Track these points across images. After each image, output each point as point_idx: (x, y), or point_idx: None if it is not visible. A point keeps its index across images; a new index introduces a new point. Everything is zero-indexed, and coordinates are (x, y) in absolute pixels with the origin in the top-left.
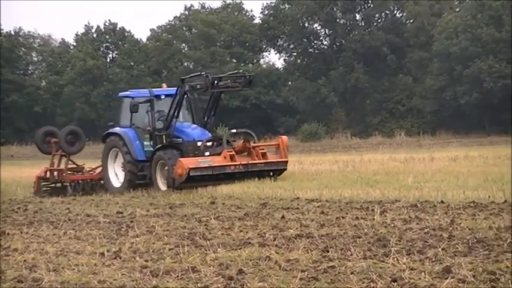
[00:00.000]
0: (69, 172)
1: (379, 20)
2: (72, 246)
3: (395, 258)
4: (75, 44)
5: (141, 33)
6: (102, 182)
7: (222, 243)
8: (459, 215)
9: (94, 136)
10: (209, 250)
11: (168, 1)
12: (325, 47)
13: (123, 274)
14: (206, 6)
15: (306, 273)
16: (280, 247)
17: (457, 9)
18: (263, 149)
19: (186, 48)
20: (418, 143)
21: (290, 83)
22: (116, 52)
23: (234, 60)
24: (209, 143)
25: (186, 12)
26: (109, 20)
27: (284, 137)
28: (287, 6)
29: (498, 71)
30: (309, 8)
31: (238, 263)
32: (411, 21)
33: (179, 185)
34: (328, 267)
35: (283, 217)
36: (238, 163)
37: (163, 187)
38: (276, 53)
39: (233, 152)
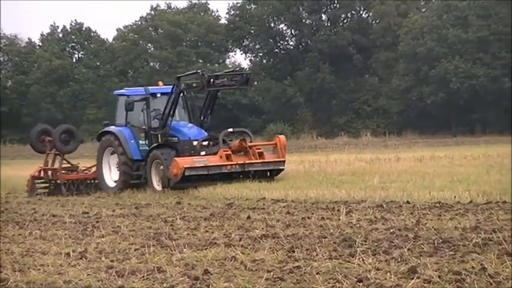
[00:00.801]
0: (63, 171)
1: (345, 20)
2: (38, 246)
3: (361, 259)
4: (41, 44)
5: (108, 33)
6: (97, 181)
7: (187, 243)
8: (425, 215)
9: None
10: (175, 250)
11: (134, 1)
12: (291, 47)
13: (88, 274)
14: (172, 7)
15: (272, 273)
16: (246, 247)
17: (423, 10)
18: (260, 149)
19: (152, 48)
20: (384, 144)
21: (256, 83)
22: (82, 52)
23: (201, 60)
24: (205, 143)
25: (152, 12)
26: (75, 20)
27: (282, 136)
28: (253, 6)
29: (464, 72)
30: (275, 9)
31: (204, 263)
32: (377, 21)
33: (174, 185)
34: (293, 268)
35: (249, 217)
36: (235, 163)
37: (158, 187)
38: (242, 53)
39: (229, 152)
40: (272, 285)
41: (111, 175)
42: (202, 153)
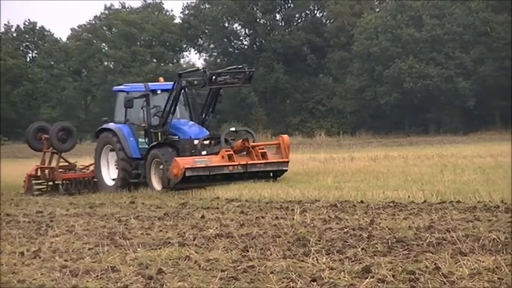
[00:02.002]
0: (60, 170)
1: (300, 20)
2: None
3: (315, 258)
4: None
5: (62, 33)
6: (95, 180)
7: (141, 242)
8: (379, 214)
9: (15, 136)
10: (129, 250)
11: (88, 1)
12: (246, 47)
13: (42, 274)
14: (127, 6)
15: (226, 272)
16: (200, 247)
17: (378, 10)
18: (263, 149)
19: (106, 48)
20: (338, 143)
21: None
22: (35, 51)
23: (155, 60)
24: (206, 142)
25: (107, 12)
26: (28, 20)
27: (285, 136)
28: (207, 6)
29: (418, 71)
30: (229, 8)
31: (158, 262)
32: (332, 21)
33: (175, 186)
34: (247, 267)
35: (203, 217)
36: (237, 163)
37: (158, 187)
38: (196, 53)
39: (231, 152)
40: (226, 285)
41: (109, 173)
42: (204, 152)
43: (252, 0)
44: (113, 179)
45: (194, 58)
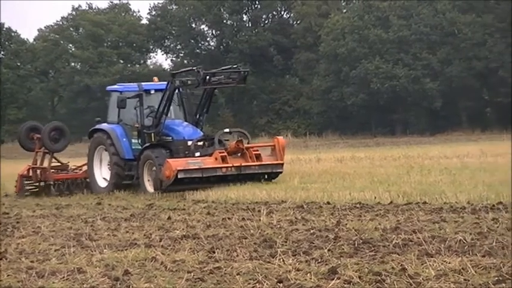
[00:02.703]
0: (52, 171)
1: (266, 21)
2: None
3: (282, 259)
4: None
5: (29, 34)
6: (88, 180)
7: (108, 244)
8: (345, 216)
9: None
10: (95, 251)
11: (55, 1)
12: (212, 47)
13: (8, 275)
14: (94, 7)
15: (192, 274)
16: (166, 248)
17: (344, 11)
18: (257, 150)
19: (73, 49)
20: (304, 144)
21: None
22: (2, 52)
23: (122, 61)
24: (200, 143)
25: (74, 13)
26: None
27: (280, 138)
28: (174, 7)
29: (385, 72)
30: (196, 9)
31: (124, 263)
32: (298, 22)
33: (167, 188)
34: (214, 268)
35: (169, 218)
36: (231, 165)
37: (150, 189)
38: (163, 54)
39: (225, 153)
40: (192, 286)
41: (102, 174)
42: (197, 154)
43: (219, 1)
44: (105, 179)
45: (161, 59)
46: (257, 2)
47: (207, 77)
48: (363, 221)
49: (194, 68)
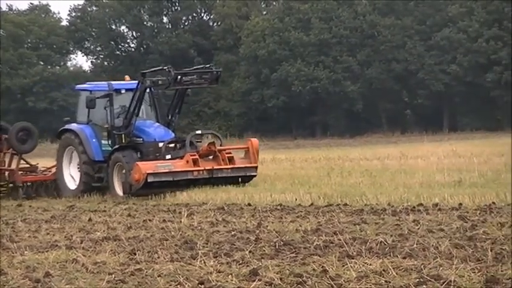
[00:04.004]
0: (20, 172)
1: (187, 23)
2: None
3: (203, 261)
4: None
5: None
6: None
7: (29, 245)
8: (266, 217)
9: None
10: (16, 253)
11: None
12: (133, 49)
13: None
14: (14, 8)
15: (113, 275)
16: (87, 250)
17: (265, 13)
18: (230, 153)
19: None
20: None
21: None
22: None
23: (42, 63)
24: (172, 145)
25: None
26: None
27: (254, 140)
28: (94, 8)
29: (306, 75)
30: (115, 11)
31: (45, 265)
32: (219, 23)
33: (136, 192)
34: (135, 270)
35: (90, 220)
36: (202, 168)
37: (120, 192)
38: (83, 56)
39: (197, 156)
40: None
41: (71, 176)
42: (168, 156)
43: (139, 2)
44: (76, 183)
45: (81, 61)
46: (177, 4)
47: (178, 77)
48: (284, 222)
49: (165, 67)
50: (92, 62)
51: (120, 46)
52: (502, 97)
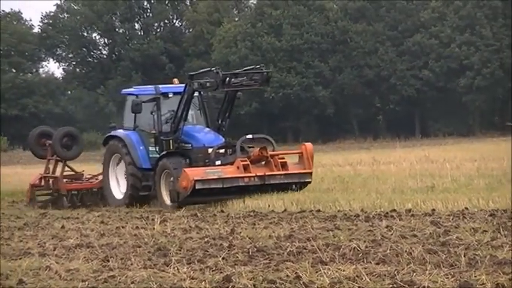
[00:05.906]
0: (65, 180)
1: (158, 29)
2: None
3: (176, 268)
4: None
5: None
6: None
7: (1, 253)
8: (239, 224)
9: None
10: None
11: None
12: (104, 56)
13: None
14: None
15: (87, 282)
16: (60, 257)
17: (237, 19)
18: (283, 158)
19: None
20: None
21: (69, 92)
22: None
23: (14, 70)
24: (222, 150)
25: None
26: None
27: (308, 144)
28: (66, 15)
29: (279, 81)
30: (87, 18)
31: (18, 273)
32: (190, 29)
33: (184, 200)
34: (108, 277)
35: (63, 227)
36: (253, 175)
37: (168, 201)
38: (55, 62)
39: (248, 162)
40: None
41: (118, 185)
42: (218, 162)
43: (111, 9)
44: (122, 192)
45: (53, 67)
46: (149, 10)
47: (227, 79)
48: (257, 229)
49: (213, 69)
50: (63, 69)
51: (92, 53)
52: (474, 102)
